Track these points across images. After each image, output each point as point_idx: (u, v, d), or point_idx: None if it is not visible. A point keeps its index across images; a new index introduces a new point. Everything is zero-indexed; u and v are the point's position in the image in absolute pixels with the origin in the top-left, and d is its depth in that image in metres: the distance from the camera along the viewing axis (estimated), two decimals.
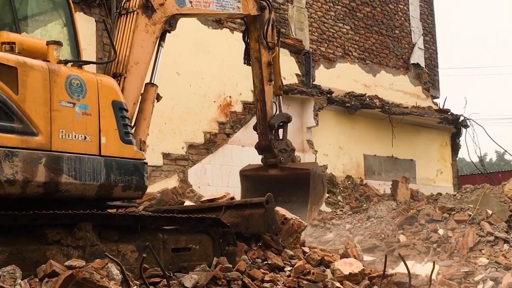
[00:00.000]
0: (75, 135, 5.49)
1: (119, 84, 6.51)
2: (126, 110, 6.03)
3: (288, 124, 8.85)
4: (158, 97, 6.98)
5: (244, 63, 8.81)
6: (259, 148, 8.60)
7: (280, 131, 8.81)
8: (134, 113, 6.62)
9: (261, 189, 7.90)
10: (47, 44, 5.64)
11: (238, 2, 8.01)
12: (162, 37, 7.12)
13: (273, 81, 8.62)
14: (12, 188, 5.06)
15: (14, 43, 5.47)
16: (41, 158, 5.22)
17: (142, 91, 6.78)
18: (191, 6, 7.28)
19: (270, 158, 8.46)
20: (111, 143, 5.74)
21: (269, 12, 8.50)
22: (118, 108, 5.88)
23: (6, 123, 5.08)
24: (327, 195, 14.86)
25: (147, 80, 6.88)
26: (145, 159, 6.11)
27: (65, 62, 5.68)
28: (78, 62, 5.91)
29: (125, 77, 6.53)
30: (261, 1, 8.43)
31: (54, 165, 5.29)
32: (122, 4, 6.91)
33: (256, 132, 8.62)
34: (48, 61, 5.53)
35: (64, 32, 6.20)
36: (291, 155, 8.62)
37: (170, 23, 7.03)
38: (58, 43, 5.68)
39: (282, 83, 8.88)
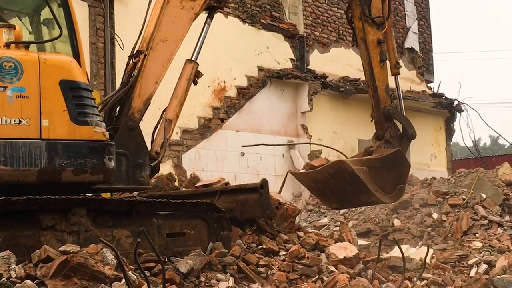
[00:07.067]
0: (6, 120, 5.21)
1: (137, 62, 6.36)
2: (85, 90, 5.60)
3: (411, 140, 7.87)
4: (198, 75, 6.70)
5: (353, 45, 8.09)
6: (377, 138, 7.75)
7: None
8: (154, 92, 6.42)
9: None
10: None
11: None
12: (209, 15, 6.87)
13: (385, 61, 7.69)
14: None
15: None
16: None
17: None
18: None
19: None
20: (58, 125, 5.39)
21: None
22: (69, 87, 5.47)
23: None
24: None
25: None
26: (107, 139, 5.65)
27: (8, 44, 5.44)
28: (22, 43, 5.61)
29: (145, 55, 6.32)
30: None
31: None
32: None
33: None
34: None
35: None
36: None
37: None
38: (9, 26, 5.51)
39: (397, 61, 7.89)
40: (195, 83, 6.91)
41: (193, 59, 6.78)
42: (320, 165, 7.38)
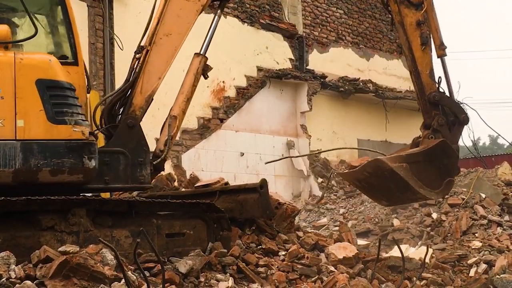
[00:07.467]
0: None
1: (140, 58, 6.28)
2: (65, 88, 5.48)
3: (464, 125, 7.33)
4: (208, 69, 6.55)
5: (391, 30, 7.82)
6: (424, 128, 7.35)
7: None
8: (157, 89, 6.31)
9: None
10: None
11: None
12: (220, 6, 6.75)
13: (427, 44, 7.19)
14: None
15: None
16: None
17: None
18: None
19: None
20: (33, 125, 5.30)
21: None
22: (46, 87, 5.36)
23: None
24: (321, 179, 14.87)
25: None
26: (87, 138, 5.49)
27: None
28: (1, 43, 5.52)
29: (148, 50, 6.23)
30: None
31: None
32: None
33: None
34: None
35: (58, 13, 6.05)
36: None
37: None
38: None
39: (442, 42, 7.29)
40: (206, 77, 6.79)
41: (201, 52, 6.67)
42: (359, 165, 7.21)
